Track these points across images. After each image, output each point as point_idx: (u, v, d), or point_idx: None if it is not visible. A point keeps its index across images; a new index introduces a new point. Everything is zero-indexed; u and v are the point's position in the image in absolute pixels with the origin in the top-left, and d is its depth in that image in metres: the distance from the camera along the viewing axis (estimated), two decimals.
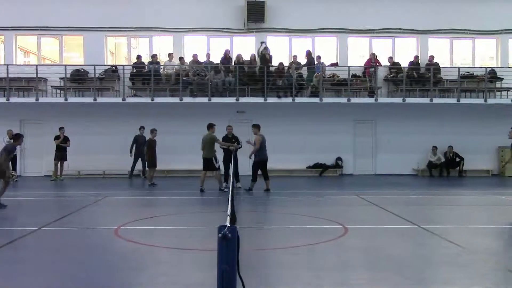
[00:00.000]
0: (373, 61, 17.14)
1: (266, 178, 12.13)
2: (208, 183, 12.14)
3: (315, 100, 16.62)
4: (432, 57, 17.63)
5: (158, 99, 16.43)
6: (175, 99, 16.48)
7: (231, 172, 10.26)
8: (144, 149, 14.19)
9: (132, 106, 16.84)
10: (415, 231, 7.36)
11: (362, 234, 7.15)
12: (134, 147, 15.45)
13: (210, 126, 12.00)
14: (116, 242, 6.59)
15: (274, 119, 17.37)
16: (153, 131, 13.94)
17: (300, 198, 11.29)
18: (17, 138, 9.45)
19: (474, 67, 17.65)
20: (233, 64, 17.02)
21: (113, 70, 17.07)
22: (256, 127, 12.37)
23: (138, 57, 17.20)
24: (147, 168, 14.17)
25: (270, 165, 17.98)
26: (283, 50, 18.05)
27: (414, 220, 8.12)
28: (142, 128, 15.52)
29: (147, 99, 16.43)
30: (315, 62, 17.07)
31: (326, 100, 16.62)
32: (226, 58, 17.06)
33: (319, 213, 8.93)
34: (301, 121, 17.46)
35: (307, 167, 17.45)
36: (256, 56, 17.27)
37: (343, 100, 16.71)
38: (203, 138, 11.93)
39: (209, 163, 11.64)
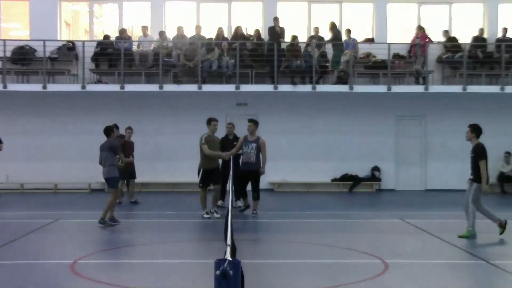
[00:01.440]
0: (421, 37, 17.09)
1: (256, 197, 11.78)
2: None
3: (343, 88, 16.62)
4: (505, 30, 17.65)
5: (130, 87, 16.46)
6: (153, 87, 16.56)
7: (230, 185, 10.27)
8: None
9: (95, 96, 16.87)
10: (482, 268, 7.37)
11: (407, 272, 7.15)
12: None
13: (208, 121, 11.63)
14: (71, 281, 6.55)
15: (287, 115, 17.42)
16: (126, 130, 13.98)
17: (322, 222, 11.31)
18: None
19: None
20: (231, 39, 17.10)
21: (69, 48, 17.13)
22: (255, 124, 12.08)
23: (105, 36, 17.34)
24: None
25: (281, 177, 17.87)
26: (300, 21, 18.05)
27: (480, 254, 8.12)
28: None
29: (115, 87, 16.46)
30: (344, 38, 17.12)
31: (358, 88, 16.63)
32: (223, 37, 17.16)
33: (349, 242, 8.95)
34: (323, 118, 17.45)
35: (332, 180, 17.46)
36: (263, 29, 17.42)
37: (381, 88, 16.71)
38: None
39: (213, 175, 11.35)
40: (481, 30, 17.61)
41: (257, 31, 17.27)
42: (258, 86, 16.69)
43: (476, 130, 9.51)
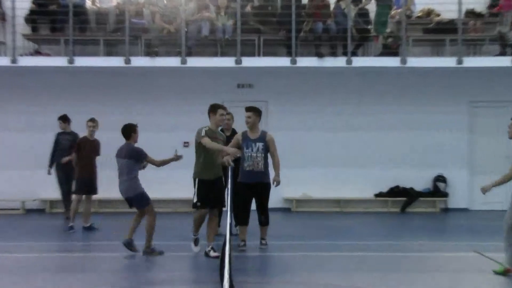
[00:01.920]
0: None
1: (264, 221, 11.58)
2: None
3: (393, 62, 16.69)
4: None
5: (82, 61, 16.50)
6: (116, 61, 16.60)
7: (228, 204, 10.01)
8: (73, 157, 14.37)
9: (32, 74, 16.96)
10: None
11: None
12: (54, 156, 15.43)
13: (212, 109, 11.16)
14: None
15: (310, 101, 17.56)
16: (88, 123, 14.03)
17: (363, 257, 11.20)
18: None
19: None
20: None
21: None
22: (256, 113, 11.68)
23: None
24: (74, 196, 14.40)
25: (301, 192, 17.61)
26: None
27: None
28: (63, 119, 15.47)
29: (61, 61, 16.50)
30: None
31: (413, 62, 16.63)
32: None
33: (405, 285, 8.94)
34: (363, 105, 17.62)
35: (376, 196, 17.63)
36: None
37: (448, 61, 16.68)
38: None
39: (215, 190, 10.99)
40: None
41: None
42: (268, 60, 16.70)
43: None
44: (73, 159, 14.01)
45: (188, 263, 10.73)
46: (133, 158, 10.88)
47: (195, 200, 10.85)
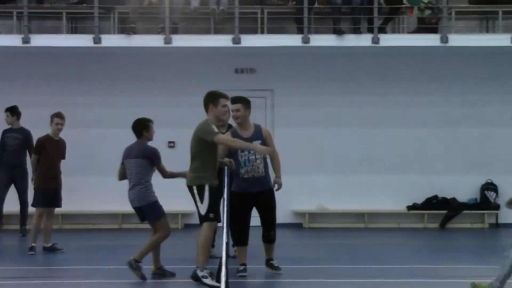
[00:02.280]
0: None
1: (273, 237, 11.77)
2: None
3: (431, 40, 17.06)
4: None
5: (41, 40, 16.85)
6: (84, 40, 16.95)
7: (223, 218, 10.55)
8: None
9: None
10: None
11: None
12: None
13: (212, 99, 11.12)
14: None
15: (324, 90, 17.87)
16: (54, 119, 13.99)
17: (394, 283, 11.42)
18: None
19: None
20: None
21: None
22: (245, 105, 11.82)
23: None
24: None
25: (316, 203, 17.84)
26: None
27: None
28: (12, 112, 15.95)
29: (14, 40, 16.85)
30: None
31: (457, 40, 16.97)
32: None
33: None
34: (393, 95, 17.97)
35: (409, 208, 17.99)
36: None
37: (501, 39, 16.95)
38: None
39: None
40: None
41: None
42: (273, 38, 17.06)
43: None
44: (32, 163, 14.09)
45: None
46: (146, 159, 11.15)
47: (204, 211, 10.65)
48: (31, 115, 15.45)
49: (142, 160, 11.06)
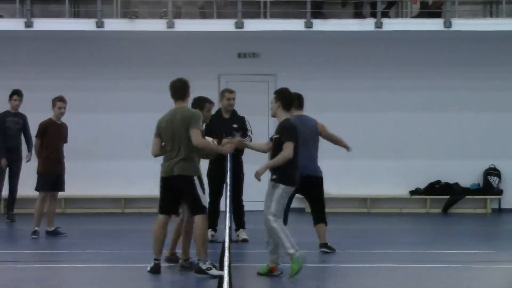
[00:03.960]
0: None
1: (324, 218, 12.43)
2: None
3: (434, 25, 17.10)
4: None
5: (43, 24, 16.82)
6: (86, 24, 17.01)
7: (225, 205, 10.43)
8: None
9: None
10: None
11: None
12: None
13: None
14: None
15: (327, 75, 17.91)
16: (57, 103, 13.94)
17: (397, 267, 11.40)
18: None
19: None
20: None
21: None
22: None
23: None
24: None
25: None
26: None
27: None
28: (19, 95, 15.76)
29: (16, 24, 16.83)
30: None
31: (460, 25, 16.95)
32: None
33: None
34: (395, 79, 17.99)
35: (412, 193, 18.05)
36: None
37: (505, 24, 17.01)
38: (166, 123, 11.61)
39: (188, 193, 11.16)
40: None
41: None
42: (276, 23, 17.05)
43: None
44: (36, 148, 14.06)
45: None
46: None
47: (204, 202, 10.83)
48: (33, 99, 15.43)
49: None
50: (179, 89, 10.96)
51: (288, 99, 10.54)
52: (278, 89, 10.95)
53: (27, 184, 15.33)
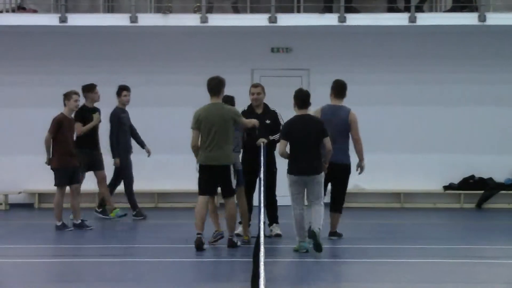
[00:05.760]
0: None
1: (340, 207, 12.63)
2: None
3: (468, 19, 16.96)
4: None
5: (76, 19, 16.87)
6: (120, 19, 17.06)
7: (259, 197, 10.53)
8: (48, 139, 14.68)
9: (14, 35, 17.50)
10: None
11: None
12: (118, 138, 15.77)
13: (219, 89, 12.40)
14: None
15: (360, 69, 17.87)
16: (73, 95, 14.21)
17: (430, 263, 11.38)
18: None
19: None
20: None
21: None
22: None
23: None
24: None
25: (352, 182, 18.05)
26: None
27: None
28: (126, 91, 15.79)
29: (50, 19, 16.87)
30: None
31: (495, 19, 16.85)
32: None
33: None
34: (428, 73, 17.90)
35: (445, 188, 17.96)
36: None
37: None
38: (205, 116, 12.30)
39: (224, 178, 12.31)
40: None
41: None
42: (309, 17, 17.04)
43: None
44: (47, 143, 14.18)
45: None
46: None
47: (235, 186, 12.51)
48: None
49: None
50: (215, 86, 12.22)
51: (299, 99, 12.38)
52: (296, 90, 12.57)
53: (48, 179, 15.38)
